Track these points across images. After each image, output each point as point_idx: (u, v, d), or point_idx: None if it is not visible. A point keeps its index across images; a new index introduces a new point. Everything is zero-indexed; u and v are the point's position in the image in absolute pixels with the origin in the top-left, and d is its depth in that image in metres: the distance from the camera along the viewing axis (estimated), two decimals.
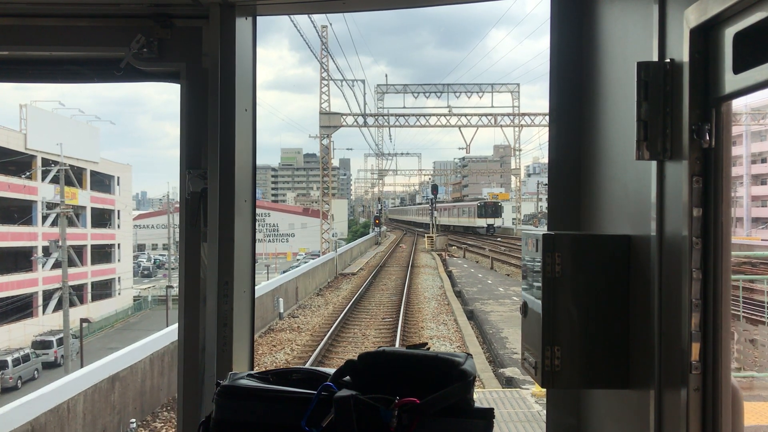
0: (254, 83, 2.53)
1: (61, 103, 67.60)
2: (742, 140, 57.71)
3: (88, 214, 52.99)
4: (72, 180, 50.38)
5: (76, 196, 50.62)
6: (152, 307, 58.48)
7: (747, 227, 56.72)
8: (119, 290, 57.53)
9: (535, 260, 1.74)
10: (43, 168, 45.42)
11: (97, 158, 53.84)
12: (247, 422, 1.43)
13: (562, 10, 2.07)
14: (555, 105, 2.08)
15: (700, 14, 1.29)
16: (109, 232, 57.40)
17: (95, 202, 54.62)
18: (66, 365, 30.93)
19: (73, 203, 50.68)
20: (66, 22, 2.41)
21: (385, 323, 21.18)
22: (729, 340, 1.35)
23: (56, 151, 43.42)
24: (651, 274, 1.49)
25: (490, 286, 28.26)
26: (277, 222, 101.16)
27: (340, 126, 45.35)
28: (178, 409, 2.45)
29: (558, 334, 1.66)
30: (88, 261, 52.76)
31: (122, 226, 59.75)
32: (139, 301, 59.81)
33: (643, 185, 1.52)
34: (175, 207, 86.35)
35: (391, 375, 1.45)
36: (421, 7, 2.57)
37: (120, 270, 58.14)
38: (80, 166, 51.49)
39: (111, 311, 53.20)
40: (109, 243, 57.32)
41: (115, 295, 56.80)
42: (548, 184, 2.16)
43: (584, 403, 1.99)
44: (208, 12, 2.34)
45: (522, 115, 44.94)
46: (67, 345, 32.19)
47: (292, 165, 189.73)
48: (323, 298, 28.29)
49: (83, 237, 52.28)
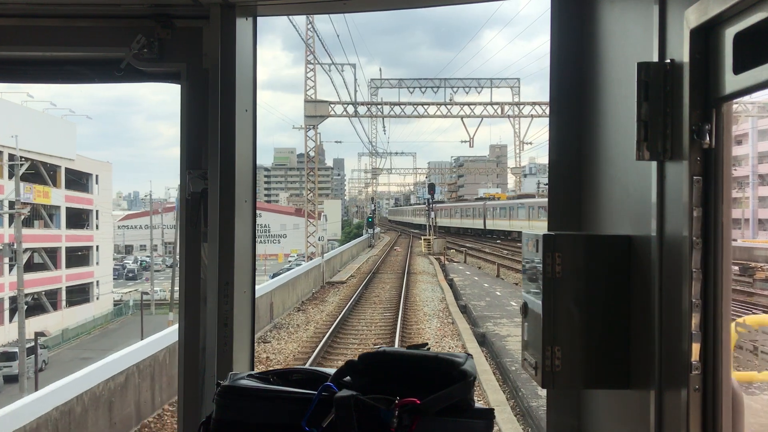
0: (254, 84, 2.56)
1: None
2: (748, 139, 55.23)
3: (62, 214, 50.77)
4: (44, 178, 46.86)
5: (48, 195, 47.46)
6: (134, 312, 56.10)
7: (753, 229, 54.44)
8: (98, 295, 55.06)
9: (535, 261, 1.76)
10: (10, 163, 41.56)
11: (73, 155, 50.61)
12: (248, 422, 1.45)
13: (562, 11, 2.07)
14: (555, 105, 2.09)
15: (701, 15, 1.31)
16: (86, 234, 55.06)
17: (71, 202, 52.34)
18: (21, 384, 27.33)
19: (44, 202, 47.19)
20: (66, 23, 2.44)
21: None
22: (729, 341, 1.36)
23: (23, 145, 39.65)
24: (651, 274, 1.51)
25: (499, 299, 24.15)
26: (268, 223, 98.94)
27: (328, 116, 41.26)
28: (179, 409, 2.49)
29: (558, 334, 1.68)
30: (63, 264, 50.36)
31: (101, 227, 57.14)
32: (120, 306, 57.37)
33: (643, 185, 1.54)
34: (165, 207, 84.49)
35: (391, 375, 1.47)
36: (421, 7, 2.58)
37: (99, 273, 55.70)
38: (54, 164, 48.16)
39: (88, 317, 51.04)
40: (86, 245, 54.97)
41: (93, 300, 54.44)
42: (548, 185, 2.15)
43: (585, 403, 2.01)
44: (209, 12, 2.36)
45: (533, 104, 40.69)
46: (22, 360, 28.58)
47: (285, 165, 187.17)
48: (305, 315, 23.82)
49: (57, 239, 50.13)
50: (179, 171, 2.45)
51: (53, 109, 52.24)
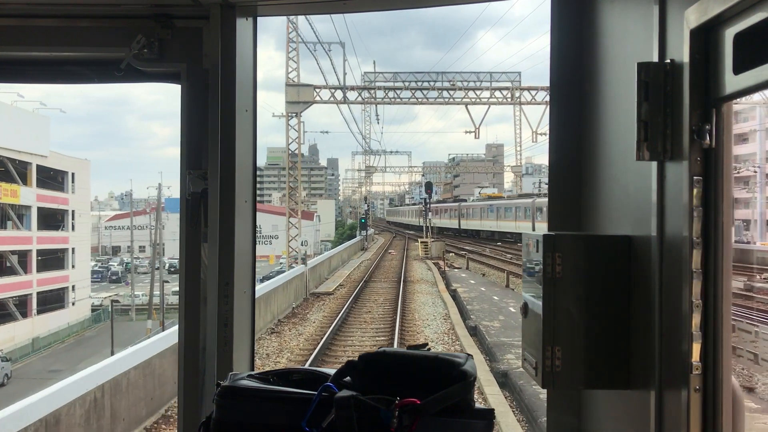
0: (255, 84, 2.58)
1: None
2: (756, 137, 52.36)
3: (33, 215, 47.86)
4: (12, 175, 43.24)
5: (17, 193, 43.97)
6: (114, 318, 52.98)
7: (761, 232, 51.60)
8: (74, 300, 52.10)
9: (535, 261, 1.77)
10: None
11: (46, 151, 47.06)
12: (248, 423, 1.45)
13: (562, 11, 2.09)
14: (555, 105, 2.12)
15: (701, 15, 1.32)
16: (61, 235, 52.01)
17: (44, 201, 49.26)
18: None
19: (12, 202, 43.59)
20: (66, 23, 2.46)
21: None
22: (729, 341, 1.37)
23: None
24: (651, 274, 1.53)
25: (515, 317, 19.34)
26: (260, 223, 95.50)
27: (313, 102, 36.74)
28: (179, 410, 2.49)
29: (558, 334, 1.69)
30: (33, 268, 47.41)
31: (78, 227, 54.04)
32: (99, 312, 54.02)
33: (643, 186, 1.56)
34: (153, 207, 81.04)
35: (391, 375, 1.48)
36: (420, 7, 2.60)
37: (75, 277, 52.72)
38: (23, 160, 44.50)
39: (62, 324, 48.06)
40: (61, 247, 51.81)
41: (68, 306, 51.34)
42: (548, 185, 2.16)
43: (585, 403, 2.01)
44: (209, 12, 2.38)
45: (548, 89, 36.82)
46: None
47: (278, 164, 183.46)
48: (278, 340, 19.50)
49: (27, 241, 47.23)
50: (179, 171, 2.47)
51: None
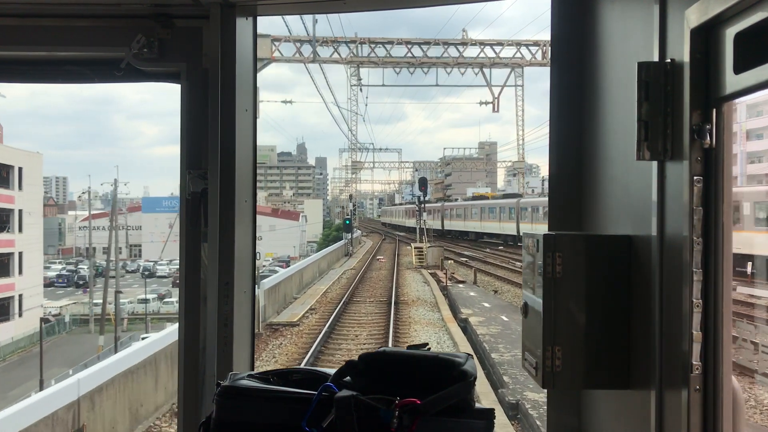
0: (255, 83, 2.60)
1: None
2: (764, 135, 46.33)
3: None
4: None
5: None
6: (70, 330, 48.89)
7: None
8: (21, 311, 46.18)
9: (535, 261, 1.79)
10: None
11: None
12: (248, 422, 1.47)
13: (562, 11, 2.11)
14: (556, 105, 2.12)
15: (701, 14, 1.34)
16: (5, 238, 46.25)
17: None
18: None
19: None
20: (66, 22, 2.46)
21: None
22: (730, 341, 1.38)
23: None
24: (652, 274, 1.54)
25: None
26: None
27: (272, 59, 29.79)
28: (179, 410, 2.51)
29: (559, 334, 1.70)
30: None
31: (27, 229, 48.42)
32: (52, 324, 47.32)
33: (643, 185, 1.57)
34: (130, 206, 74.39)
35: (391, 375, 1.49)
36: (419, 7, 2.61)
37: (23, 285, 46.89)
38: None
39: (6, 339, 42.69)
40: (5, 251, 46.10)
41: (13, 318, 45.54)
42: (549, 184, 2.17)
43: (585, 403, 2.03)
44: (209, 12, 2.38)
45: None
46: None
47: (265, 163, 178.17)
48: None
49: None
50: (179, 171, 2.49)
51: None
